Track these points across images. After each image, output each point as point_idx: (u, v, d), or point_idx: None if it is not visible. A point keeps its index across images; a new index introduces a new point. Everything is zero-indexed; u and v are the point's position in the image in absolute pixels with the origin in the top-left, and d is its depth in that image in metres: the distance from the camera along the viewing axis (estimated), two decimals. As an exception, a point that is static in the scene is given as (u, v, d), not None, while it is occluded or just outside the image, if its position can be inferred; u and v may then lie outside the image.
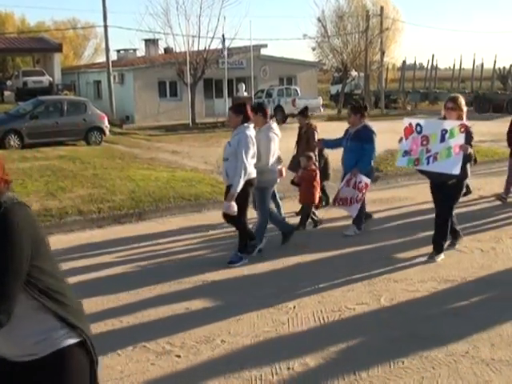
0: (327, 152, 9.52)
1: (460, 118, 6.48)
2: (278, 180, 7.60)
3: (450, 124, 6.41)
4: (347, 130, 8.03)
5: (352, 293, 5.75)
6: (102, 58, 40.15)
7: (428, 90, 40.16)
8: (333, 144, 8.61)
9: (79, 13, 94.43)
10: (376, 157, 8.20)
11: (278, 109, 28.14)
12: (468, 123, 6.43)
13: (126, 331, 4.96)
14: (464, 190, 6.87)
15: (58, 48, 35.69)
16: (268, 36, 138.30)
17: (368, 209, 9.46)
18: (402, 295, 5.67)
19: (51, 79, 32.67)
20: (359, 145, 7.66)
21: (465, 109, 6.57)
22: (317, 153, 9.09)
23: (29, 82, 31.67)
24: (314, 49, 37.43)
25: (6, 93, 32.72)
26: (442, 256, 6.74)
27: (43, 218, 8.69)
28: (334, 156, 9.35)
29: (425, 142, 6.56)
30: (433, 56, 50.48)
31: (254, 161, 6.67)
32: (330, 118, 28.30)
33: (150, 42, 35.10)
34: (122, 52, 38.85)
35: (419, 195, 10.49)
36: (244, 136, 6.48)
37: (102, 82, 31.38)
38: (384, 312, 5.28)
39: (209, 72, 27.72)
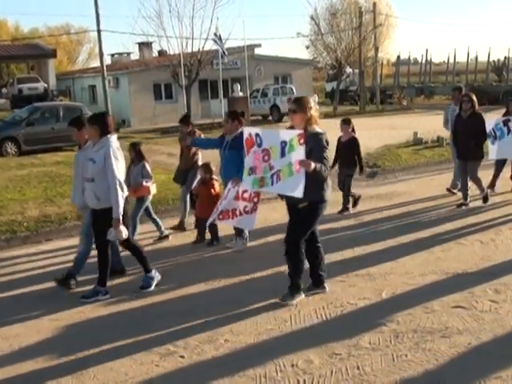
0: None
1: (309, 122, 5.24)
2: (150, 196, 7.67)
3: (289, 134, 5.19)
4: (223, 136, 7.39)
5: (353, 288, 5.76)
6: (96, 63, 40.12)
7: (423, 85, 40.20)
8: (205, 143, 8.09)
9: (72, 18, 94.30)
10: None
11: (274, 108, 28.16)
12: (321, 131, 5.28)
13: (128, 333, 4.95)
14: (321, 213, 5.44)
15: (52, 54, 35.68)
16: (262, 35, 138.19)
17: (366, 207, 9.46)
18: (403, 289, 5.68)
19: (46, 85, 32.69)
20: (238, 153, 6.54)
21: (314, 112, 5.32)
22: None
23: (24, 88, 31.71)
24: (307, 47, 37.40)
25: (2, 100, 32.73)
26: (301, 296, 5.45)
27: (43, 224, 8.70)
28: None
29: (266, 158, 5.34)
30: (427, 50, 50.60)
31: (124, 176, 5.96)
32: (326, 116, 28.28)
33: (144, 45, 35.12)
34: (116, 56, 38.87)
35: (417, 190, 10.54)
36: (110, 149, 5.70)
37: (97, 86, 31.34)
38: (386, 306, 5.30)
39: (203, 73, 27.72)
